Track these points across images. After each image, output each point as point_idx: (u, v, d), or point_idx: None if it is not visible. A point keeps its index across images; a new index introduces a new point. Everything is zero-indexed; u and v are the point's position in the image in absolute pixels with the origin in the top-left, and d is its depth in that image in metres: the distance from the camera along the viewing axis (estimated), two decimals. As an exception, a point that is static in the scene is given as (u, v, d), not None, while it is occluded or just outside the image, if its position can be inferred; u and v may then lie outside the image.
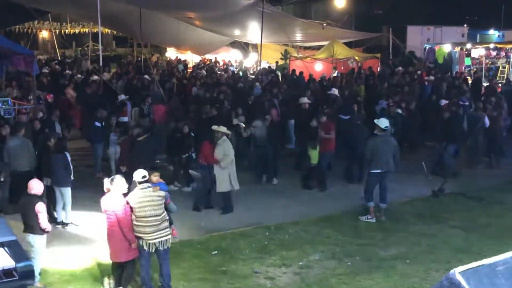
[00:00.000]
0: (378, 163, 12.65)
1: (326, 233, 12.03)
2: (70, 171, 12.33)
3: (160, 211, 9.08)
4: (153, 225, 8.98)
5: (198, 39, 31.18)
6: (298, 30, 29.89)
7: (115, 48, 46.48)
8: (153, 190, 9.10)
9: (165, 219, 9.17)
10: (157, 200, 9.06)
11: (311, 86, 23.13)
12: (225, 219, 12.96)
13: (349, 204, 13.99)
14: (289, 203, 14.11)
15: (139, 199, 8.99)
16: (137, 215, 9.00)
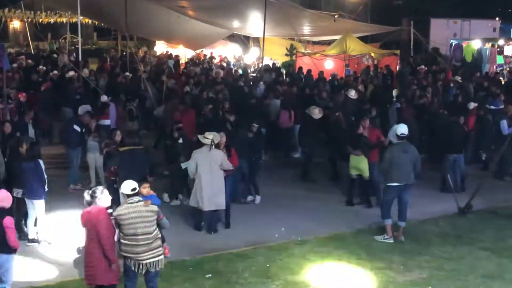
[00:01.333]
0: (396, 175, 12.63)
1: (337, 255, 12.01)
2: (43, 181, 12.29)
3: (152, 228, 9.08)
4: (144, 244, 8.98)
5: (192, 31, 31.25)
6: (306, 22, 29.96)
7: (97, 40, 46.53)
8: (144, 205, 9.10)
9: (157, 237, 9.18)
10: (149, 216, 9.05)
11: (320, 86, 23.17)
12: (222, 238, 12.95)
13: (363, 221, 13.97)
14: (294, 219, 14.09)
15: (128, 215, 8.97)
16: (126, 232, 8.98)
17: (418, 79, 24.59)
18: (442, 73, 27.31)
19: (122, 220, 8.97)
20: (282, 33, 31.29)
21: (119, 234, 9.16)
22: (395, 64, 29.08)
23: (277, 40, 33.26)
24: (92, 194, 9.13)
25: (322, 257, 11.92)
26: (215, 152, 13.06)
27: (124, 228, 8.98)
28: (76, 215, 9.80)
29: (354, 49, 28.04)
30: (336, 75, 26.42)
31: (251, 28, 30.76)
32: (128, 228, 8.95)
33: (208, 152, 12.98)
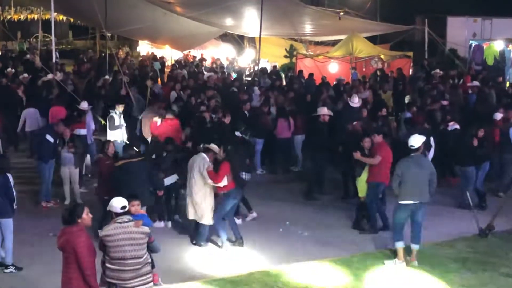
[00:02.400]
0: (409, 192, 12.64)
1: (343, 282, 12.02)
2: (12, 197, 12.26)
3: (142, 252, 9.10)
4: (132, 270, 8.98)
5: (179, 30, 31.32)
6: (308, 21, 30.09)
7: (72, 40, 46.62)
8: (135, 225, 9.09)
9: (147, 262, 9.19)
10: (139, 239, 9.06)
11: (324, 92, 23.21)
12: (214, 261, 12.94)
13: (371, 243, 13.99)
14: (295, 241, 14.09)
15: (116, 236, 8.95)
16: (113, 256, 8.97)
17: (433, 85, 24.62)
18: (460, 78, 27.38)
19: (110, 242, 8.95)
20: (281, 32, 31.40)
21: (103, 257, 9.13)
22: (408, 68, 29.15)
23: (275, 40, 33.37)
24: (72, 212, 9.02)
25: (325, 284, 11.90)
26: (199, 157, 13.35)
27: (110, 250, 8.96)
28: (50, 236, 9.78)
29: (361, 50, 28.10)
30: (342, 79, 26.46)
31: (246, 26, 30.87)
32: (116, 251, 8.93)
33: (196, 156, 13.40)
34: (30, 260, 12.60)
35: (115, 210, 9.13)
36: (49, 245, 9.28)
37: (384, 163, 14.35)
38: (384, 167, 14.41)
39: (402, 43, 32.38)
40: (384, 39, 33.96)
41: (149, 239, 9.24)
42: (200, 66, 33.06)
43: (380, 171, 14.44)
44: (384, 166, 14.40)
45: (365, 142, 14.81)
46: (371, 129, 16.36)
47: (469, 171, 16.33)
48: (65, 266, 8.94)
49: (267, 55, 32.77)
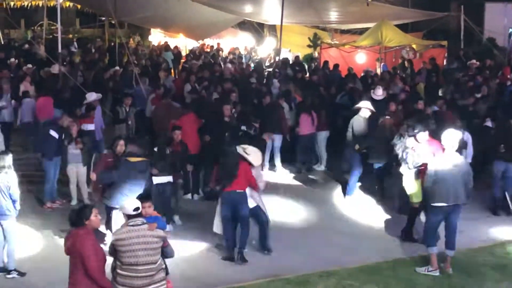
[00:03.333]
0: (443, 194, 12.57)
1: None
2: (15, 197, 12.33)
3: (157, 257, 9.10)
4: (146, 276, 9.00)
5: (194, 17, 31.35)
6: (333, 7, 30.00)
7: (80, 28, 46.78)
8: (148, 229, 9.11)
9: (161, 268, 9.21)
10: (153, 243, 9.06)
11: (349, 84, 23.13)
12: (231, 268, 12.97)
13: (402, 250, 13.95)
14: (317, 246, 14.10)
15: (129, 240, 8.96)
16: (125, 261, 8.98)
17: (469, 76, 24.47)
18: (498, 69, 27.19)
19: (122, 246, 8.94)
20: (304, 20, 31.36)
21: (113, 262, 9.17)
22: (442, 58, 29.07)
23: (298, 29, 33.36)
24: (79, 213, 9.07)
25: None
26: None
27: (122, 255, 8.97)
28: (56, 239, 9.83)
29: (391, 39, 28.03)
30: (370, 71, 26.38)
31: (266, 13, 30.83)
32: (128, 256, 8.94)
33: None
34: (34, 265, 12.67)
35: (127, 212, 9.13)
36: (55, 249, 9.31)
37: None
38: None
39: (436, 31, 32.22)
40: (416, 27, 33.80)
41: (164, 244, 9.25)
42: (217, 57, 33.08)
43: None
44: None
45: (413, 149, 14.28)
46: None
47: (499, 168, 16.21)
48: (72, 271, 8.99)
49: (289, 44, 32.77)
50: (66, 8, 41.51)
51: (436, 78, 25.38)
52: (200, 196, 17.08)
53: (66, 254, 9.03)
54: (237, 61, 30.94)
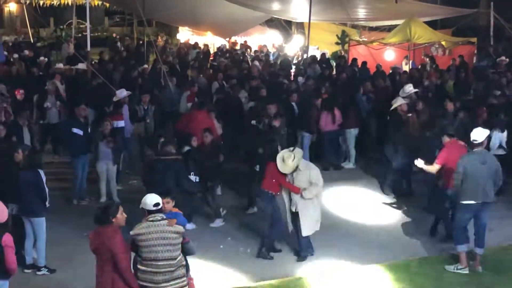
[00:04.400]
0: (472, 192, 12.51)
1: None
2: (44, 195, 12.44)
3: (176, 253, 9.12)
4: (165, 272, 9.01)
5: (222, 15, 31.39)
6: (362, 4, 29.88)
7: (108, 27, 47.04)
8: (168, 224, 9.14)
9: (182, 265, 9.21)
10: (173, 238, 9.08)
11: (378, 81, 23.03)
12: (258, 265, 12.99)
13: (431, 247, 13.90)
14: (345, 242, 14.12)
15: (148, 235, 9.01)
16: (144, 256, 9.03)
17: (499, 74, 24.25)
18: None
19: (141, 241, 8.99)
20: (332, 17, 31.26)
21: (135, 258, 9.21)
22: (471, 55, 28.85)
23: (326, 26, 33.22)
24: (105, 211, 9.12)
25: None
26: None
27: (142, 250, 9.01)
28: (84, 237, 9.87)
29: (420, 36, 27.83)
30: (398, 68, 26.26)
31: (294, 11, 30.76)
32: (148, 251, 8.98)
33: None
34: (64, 262, 12.79)
35: (147, 207, 9.17)
36: (83, 246, 9.38)
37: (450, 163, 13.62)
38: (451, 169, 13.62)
39: (465, 28, 31.98)
40: (446, 24, 33.61)
41: (184, 240, 9.27)
42: (245, 54, 33.07)
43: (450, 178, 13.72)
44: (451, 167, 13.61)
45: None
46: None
47: None
48: (100, 268, 9.03)
49: (317, 42, 32.62)
50: (95, 6, 41.74)
51: (465, 75, 25.21)
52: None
53: (93, 251, 9.08)
54: (264, 58, 30.90)
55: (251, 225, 14.75)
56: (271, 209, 13.29)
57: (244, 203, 16.12)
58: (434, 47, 29.02)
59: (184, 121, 17.66)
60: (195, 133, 15.76)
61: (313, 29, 27.89)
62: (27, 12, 38.81)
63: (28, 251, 12.53)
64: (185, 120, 17.81)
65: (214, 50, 35.64)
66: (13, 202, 12.36)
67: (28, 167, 12.46)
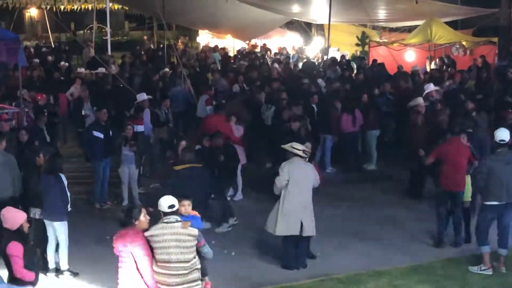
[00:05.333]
0: (496, 192, 12.43)
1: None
2: (66, 199, 12.48)
3: (190, 255, 9.10)
4: (178, 275, 9.00)
5: (242, 18, 31.44)
6: (382, 5, 29.84)
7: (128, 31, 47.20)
8: (182, 226, 9.15)
9: (196, 268, 9.18)
10: (186, 241, 9.07)
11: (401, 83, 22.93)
12: (278, 268, 12.95)
13: (455, 248, 13.82)
14: (368, 245, 14.04)
15: (161, 237, 9.01)
16: (158, 258, 9.03)
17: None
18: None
19: (155, 242, 9.00)
20: (352, 18, 31.22)
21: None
22: (493, 55, 28.68)
23: (346, 28, 33.18)
24: (128, 213, 9.16)
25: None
26: (307, 166, 13.00)
27: (156, 252, 9.01)
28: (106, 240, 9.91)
29: (441, 36, 27.74)
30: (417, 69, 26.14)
31: (314, 13, 30.77)
32: (161, 252, 8.98)
33: (303, 165, 12.86)
34: (86, 265, 12.80)
35: (162, 209, 9.18)
36: (106, 249, 9.39)
37: (449, 166, 13.81)
38: (451, 171, 13.81)
39: (486, 28, 31.79)
40: (466, 24, 33.42)
41: (198, 243, 9.26)
42: (265, 57, 33.08)
43: (446, 176, 13.92)
44: (451, 170, 13.80)
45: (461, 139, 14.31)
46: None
47: None
48: (122, 270, 9.04)
49: (337, 43, 32.61)
50: (115, 10, 41.92)
51: (487, 75, 25.09)
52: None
53: (116, 254, 9.09)
54: (284, 61, 30.87)
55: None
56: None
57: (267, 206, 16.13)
58: (455, 48, 28.90)
59: (203, 125, 17.73)
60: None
61: (333, 31, 27.88)
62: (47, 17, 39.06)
63: (51, 255, 12.57)
64: (203, 123, 17.88)
65: (234, 53, 35.65)
66: (36, 206, 12.45)
67: (50, 171, 12.50)
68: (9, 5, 40.05)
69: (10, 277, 9.29)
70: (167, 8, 27.50)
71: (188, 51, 35.93)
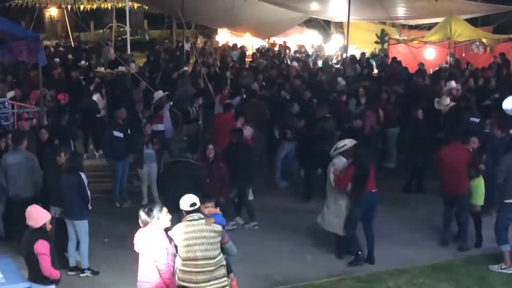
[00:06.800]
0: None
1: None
2: (86, 198, 12.52)
3: (215, 252, 9.16)
4: (205, 271, 9.04)
5: (261, 16, 31.46)
6: (401, 2, 29.77)
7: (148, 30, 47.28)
8: (205, 223, 9.18)
9: (222, 264, 9.23)
10: (210, 237, 9.12)
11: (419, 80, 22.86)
12: (301, 266, 12.96)
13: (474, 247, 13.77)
14: (389, 243, 13.95)
15: (186, 235, 9.07)
16: (184, 256, 9.08)
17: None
18: None
19: (180, 241, 9.07)
20: (371, 16, 31.17)
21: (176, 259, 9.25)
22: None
23: (365, 25, 33.17)
24: (149, 212, 9.16)
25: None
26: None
27: (181, 250, 9.07)
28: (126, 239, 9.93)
29: (461, 34, 27.70)
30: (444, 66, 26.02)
31: (332, 10, 30.73)
32: (186, 250, 9.04)
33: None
34: (107, 264, 12.87)
35: (185, 208, 9.22)
36: (126, 248, 9.41)
37: (445, 169, 13.80)
38: (447, 175, 13.77)
39: (507, 25, 31.68)
40: (486, 21, 33.33)
41: (222, 240, 9.29)
42: (284, 55, 33.07)
43: (443, 180, 13.98)
44: (446, 174, 13.77)
45: (471, 143, 14.18)
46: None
47: None
48: (142, 268, 9.09)
49: (356, 41, 32.57)
50: (135, 10, 42.03)
51: (507, 73, 24.98)
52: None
53: (137, 251, 9.14)
54: (303, 59, 30.84)
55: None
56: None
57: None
58: (475, 45, 28.80)
59: (214, 123, 18.16)
60: (217, 134, 16.25)
61: (352, 29, 27.85)
62: (67, 16, 39.19)
63: (72, 254, 12.63)
64: (214, 122, 18.30)
65: (253, 51, 35.66)
66: (56, 205, 12.54)
67: (70, 170, 12.54)
68: (29, 4, 40.25)
69: (33, 276, 9.37)
70: (186, 6, 27.55)
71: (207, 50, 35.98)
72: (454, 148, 13.87)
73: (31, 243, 9.29)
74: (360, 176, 12.78)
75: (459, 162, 13.56)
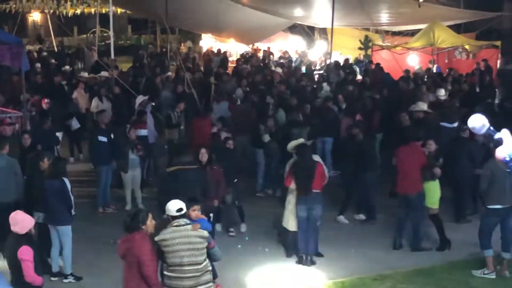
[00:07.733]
0: (499, 196, 12.43)
1: (425, 294, 11.90)
2: (70, 203, 12.47)
3: (201, 257, 9.15)
4: (191, 277, 9.04)
5: (245, 22, 31.49)
6: (384, 9, 29.90)
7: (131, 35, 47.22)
8: (191, 229, 9.17)
9: (207, 270, 9.23)
10: (197, 243, 9.11)
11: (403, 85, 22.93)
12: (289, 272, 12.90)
13: (457, 252, 13.79)
14: (373, 248, 14.02)
15: (173, 241, 9.05)
16: (170, 262, 9.07)
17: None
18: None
19: (166, 247, 9.04)
20: (355, 22, 31.28)
21: (161, 265, 9.24)
22: (496, 59, 28.71)
23: (349, 31, 33.26)
24: (134, 217, 9.13)
25: (406, 296, 11.85)
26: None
27: (168, 256, 9.06)
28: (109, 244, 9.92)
29: (443, 40, 27.82)
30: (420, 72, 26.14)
31: (316, 17, 30.82)
32: (173, 256, 9.02)
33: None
34: (90, 269, 12.80)
35: (171, 213, 9.21)
36: (110, 253, 9.40)
37: (400, 169, 14.13)
38: (401, 174, 14.07)
39: (489, 31, 31.86)
40: (469, 28, 33.45)
41: (209, 245, 9.28)
42: (268, 60, 33.08)
43: (398, 179, 14.25)
44: (401, 173, 14.08)
45: (428, 145, 14.42)
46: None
47: None
48: (127, 275, 9.05)
49: (340, 47, 32.67)
50: (118, 15, 41.97)
51: (490, 79, 25.11)
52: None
53: (121, 257, 9.09)
54: (286, 64, 30.86)
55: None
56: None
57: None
58: (458, 51, 28.95)
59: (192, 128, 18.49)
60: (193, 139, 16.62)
61: (336, 35, 27.97)
62: (50, 21, 39.09)
63: (55, 259, 12.56)
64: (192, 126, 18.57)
65: (237, 57, 35.66)
66: (39, 211, 12.46)
67: (53, 176, 12.50)
68: (12, 9, 40.09)
69: (16, 281, 9.32)
70: (170, 12, 27.54)
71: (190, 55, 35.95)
72: (411, 148, 14.13)
73: (15, 248, 9.25)
74: (297, 175, 13.12)
75: (412, 162, 13.84)
